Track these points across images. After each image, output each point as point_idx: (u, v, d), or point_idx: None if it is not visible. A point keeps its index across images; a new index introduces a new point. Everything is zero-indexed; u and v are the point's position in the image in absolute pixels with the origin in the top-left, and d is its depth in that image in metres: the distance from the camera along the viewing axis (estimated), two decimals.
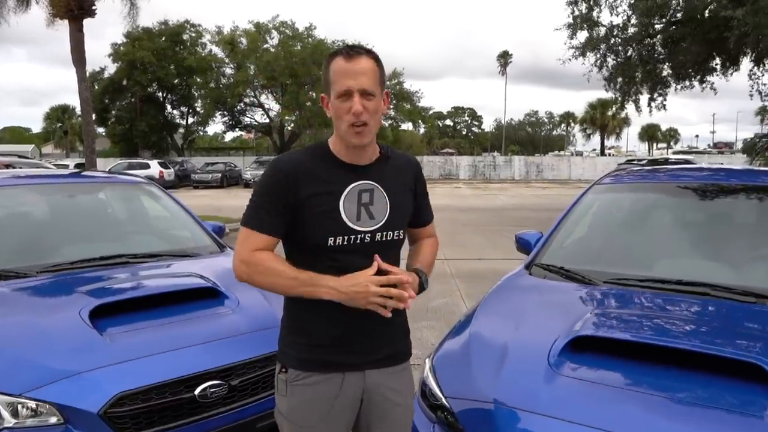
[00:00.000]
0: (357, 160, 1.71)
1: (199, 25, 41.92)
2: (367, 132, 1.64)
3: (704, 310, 2.30)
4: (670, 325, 2.16)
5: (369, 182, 1.71)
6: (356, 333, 1.71)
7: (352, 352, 1.72)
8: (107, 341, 2.28)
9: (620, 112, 61.31)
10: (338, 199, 1.67)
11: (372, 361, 1.74)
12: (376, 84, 1.65)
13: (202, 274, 3.00)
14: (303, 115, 38.98)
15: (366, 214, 1.69)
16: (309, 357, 1.72)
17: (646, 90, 13.95)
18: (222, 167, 33.95)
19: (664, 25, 12.75)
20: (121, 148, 41.44)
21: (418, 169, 1.86)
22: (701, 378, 1.83)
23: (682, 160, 19.94)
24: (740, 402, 1.72)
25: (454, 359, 2.18)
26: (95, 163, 14.84)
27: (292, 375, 1.74)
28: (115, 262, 3.12)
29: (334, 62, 1.64)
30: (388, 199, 1.72)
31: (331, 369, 1.71)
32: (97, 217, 3.79)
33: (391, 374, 1.77)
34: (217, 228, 4.11)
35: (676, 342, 1.95)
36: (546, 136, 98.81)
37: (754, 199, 2.97)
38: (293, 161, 1.71)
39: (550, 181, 38.89)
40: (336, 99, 1.63)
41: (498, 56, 76.31)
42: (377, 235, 1.69)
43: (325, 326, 1.71)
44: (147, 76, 38.54)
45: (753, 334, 2.10)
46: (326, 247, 1.66)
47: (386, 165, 1.77)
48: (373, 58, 1.66)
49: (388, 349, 1.76)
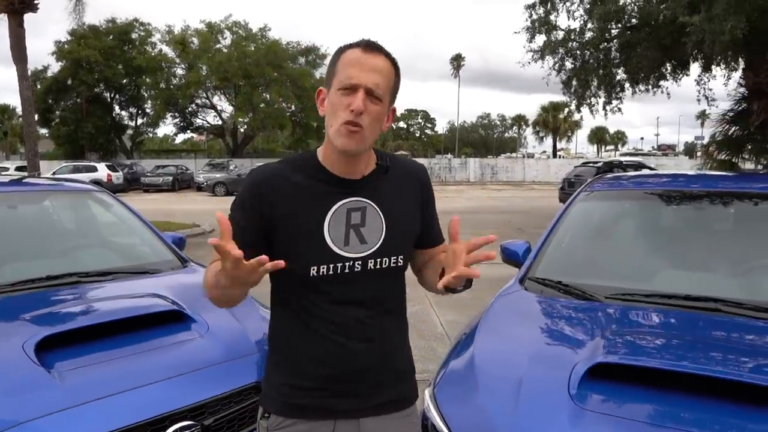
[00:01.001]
0: (348, 173, 1.45)
1: (149, 24, 40.79)
2: (360, 137, 1.37)
3: (723, 329, 2.14)
4: (693, 348, 1.99)
5: (360, 199, 1.44)
6: (351, 372, 1.45)
7: (345, 396, 1.45)
8: (56, 380, 1.93)
9: (572, 115, 62.96)
10: (322, 220, 1.40)
11: (369, 407, 1.47)
12: (388, 90, 1.40)
13: (164, 295, 2.69)
14: (257, 117, 38.32)
15: (356, 238, 1.42)
16: (294, 401, 1.46)
17: (603, 94, 14.13)
18: (173, 170, 33.03)
19: (620, 30, 12.93)
20: (66, 150, 39.71)
21: (425, 177, 1.59)
22: (737, 409, 1.66)
23: (636, 162, 20.36)
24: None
25: (460, 390, 1.95)
26: (38, 166, 14.02)
27: (274, 422, 1.48)
28: (64, 282, 2.76)
29: (348, 52, 1.39)
30: (384, 218, 1.45)
31: (320, 416, 1.45)
32: (41, 231, 3.40)
33: (391, 422, 1.50)
34: (176, 239, 3.77)
35: (707, 370, 1.77)
36: (499, 139, 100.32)
37: (755, 206, 2.86)
38: (270, 172, 1.45)
39: (504, 183, 39.39)
40: (337, 91, 1.36)
41: (451, 59, 77.06)
42: (369, 263, 1.43)
43: (314, 364, 1.45)
44: (93, 76, 37.10)
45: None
46: (309, 277, 1.40)
47: (384, 177, 1.50)
48: (392, 62, 1.41)
49: (388, 392, 1.50)
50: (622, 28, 12.91)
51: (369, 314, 1.46)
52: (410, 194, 1.54)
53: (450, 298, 1.64)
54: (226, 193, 27.50)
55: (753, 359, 1.91)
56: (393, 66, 1.41)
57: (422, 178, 1.58)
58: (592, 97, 14.57)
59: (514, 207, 20.15)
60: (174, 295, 2.69)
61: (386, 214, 1.46)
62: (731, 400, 1.68)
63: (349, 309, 1.43)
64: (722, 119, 13.48)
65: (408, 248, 1.53)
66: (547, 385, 1.84)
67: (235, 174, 29.54)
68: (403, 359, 1.55)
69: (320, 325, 1.44)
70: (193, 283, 3.10)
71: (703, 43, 9.45)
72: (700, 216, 2.94)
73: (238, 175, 28.93)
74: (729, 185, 3.09)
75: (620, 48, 12.93)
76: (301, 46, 41.27)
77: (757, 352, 1.96)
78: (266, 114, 38.03)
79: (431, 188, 1.61)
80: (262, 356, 2.37)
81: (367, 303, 1.45)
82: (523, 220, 15.87)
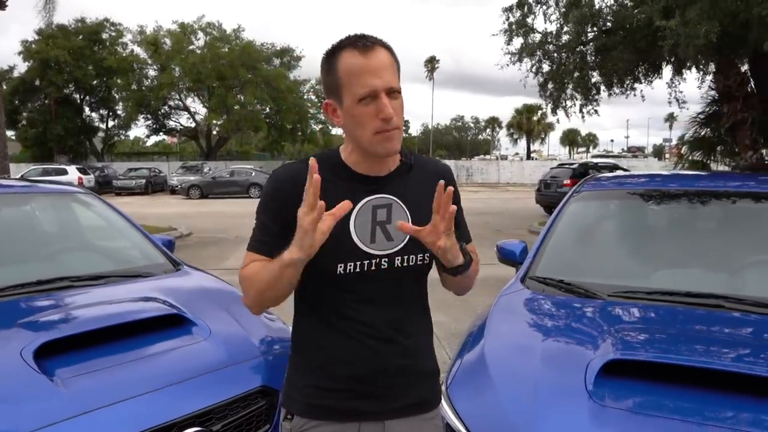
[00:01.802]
0: (373, 171, 1.43)
1: (120, 24, 40.06)
2: (398, 137, 1.37)
3: (728, 325, 2.18)
4: (702, 343, 2.02)
5: (386, 196, 1.43)
6: (376, 373, 1.42)
7: (369, 398, 1.43)
8: (60, 388, 1.86)
9: (546, 117, 63.82)
10: (348, 217, 1.38)
11: (394, 409, 1.45)
12: (397, 79, 1.38)
13: (160, 298, 2.62)
14: (231, 119, 37.94)
15: (382, 235, 1.41)
16: (318, 402, 1.44)
17: (579, 96, 14.33)
18: (146, 173, 32.49)
19: (596, 33, 13.13)
20: (34, 152, 38.77)
21: (449, 176, 1.56)
22: (756, 402, 1.68)
23: (610, 164, 20.69)
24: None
25: (474, 389, 1.93)
26: (8, 168, 13.64)
27: (297, 423, 1.45)
28: (55, 287, 2.67)
29: (345, 58, 1.34)
30: (411, 215, 1.44)
31: (345, 418, 1.43)
32: (27, 234, 3.29)
33: (416, 425, 1.48)
34: (165, 242, 3.68)
35: (722, 364, 1.80)
36: (472, 141, 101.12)
37: (755, 204, 2.91)
38: (293, 171, 1.43)
39: (480, 185, 39.67)
40: (357, 104, 1.33)
41: (425, 62, 77.47)
42: (396, 260, 1.41)
43: (339, 364, 1.42)
44: (62, 77, 36.33)
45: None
46: (336, 275, 1.38)
47: (408, 175, 1.49)
48: (388, 49, 1.39)
49: (413, 394, 1.48)
50: (598, 31, 13.11)
51: (395, 313, 1.44)
52: (435, 192, 1.52)
53: (435, 299, 1.62)
54: (201, 196, 27.14)
55: (764, 353, 1.94)
56: (390, 51, 1.39)
57: (446, 177, 1.55)
58: (567, 100, 14.77)
59: (491, 208, 20.27)
60: (171, 298, 2.63)
61: (412, 211, 1.45)
62: (747, 394, 1.70)
63: (375, 308, 1.41)
64: (694, 121, 13.80)
65: None
66: (564, 381, 1.84)
67: (209, 177, 29.18)
68: (429, 360, 1.53)
69: (345, 324, 1.42)
70: (189, 286, 3.04)
71: (678, 47, 9.64)
72: (694, 214, 2.98)
73: (213, 178, 28.59)
74: (724, 184, 3.15)
75: (596, 51, 13.12)
76: (276, 48, 41.01)
77: (766, 347, 1.99)
78: (241, 116, 37.68)
79: (456, 187, 1.59)
80: (266, 360, 2.34)
81: (394, 302, 1.43)
82: (501, 222, 15.98)
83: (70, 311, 2.49)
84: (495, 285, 3.01)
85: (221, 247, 11.51)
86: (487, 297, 2.84)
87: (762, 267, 2.58)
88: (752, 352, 1.97)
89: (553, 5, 13.54)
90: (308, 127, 43.14)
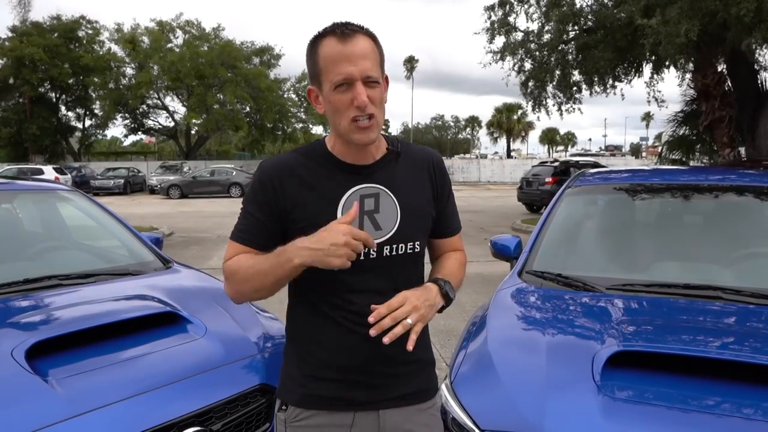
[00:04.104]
0: (359, 160, 1.43)
1: (96, 22, 39.34)
2: (375, 126, 1.36)
3: (727, 316, 2.20)
4: (704, 333, 2.03)
5: (373, 185, 1.42)
6: (369, 363, 1.41)
7: (363, 387, 1.42)
8: (54, 389, 1.79)
9: (526, 116, 64.21)
10: (335, 207, 1.38)
11: (389, 398, 1.44)
12: (378, 68, 1.36)
13: (153, 296, 2.56)
14: (211, 118, 37.56)
15: (370, 224, 1.40)
16: (312, 392, 1.43)
17: (560, 95, 14.43)
18: (125, 173, 32.07)
19: (577, 32, 13.24)
20: (9, 152, 37.93)
21: (439, 164, 1.55)
22: (756, 390, 1.69)
23: (591, 162, 20.90)
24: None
25: (480, 383, 1.91)
26: None
27: (292, 413, 1.45)
28: (44, 285, 2.59)
29: (324, 45, 1.34)
30: (399, 203, 1.43)
31: (339, 407, 1.42)
32: (11, 232, 3.21)
33: (412, 414, 1.47)
34: (153, 239, 3.61)
35: (726, 354, 1.81)
36: (452, 140, 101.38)
37: (752, 197, 2.93)
38: (280, 163, 1.43)
39: (461, 184, 39.80)
40: (333, 91, 1.33)
41: (404, 61, 77.57)
42: (385, 249, 1.41)
43: (332, 354, 1.42)
44: (38, 75, 35.51)
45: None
46: None
47: (396, 162, 1.47)
48: (370, 37, 1.38)
49: (408, 383, 1.47)
50: (579, 30, 13.21)
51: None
52: (424, 179, 1.51)
53: None
54: (181, 196, 26.83)
55: (763, 342, 1.95)
56: (373, 40, 1.38)
57: (435, 165, 1.54)
58: (548, 99, 14.87)
59: (473, 207, 20.35)
60: (164, 296, 2.58)
61: (400, 200, 1.44)
62: (750, 383, 1.71)
63: (366, 297, 1.38)
64: (673, 120, 13.99)
65: (424, 234, 1.51)
66: (571, 374, 1.83)
67: (189, 176, 28.85)
68: (423, 349, 1.51)
69: (338, 314, 1.41)
70: (182, 284, 2.98)
71: (659, 45, 9.76)
72: (689, 208, 3.00)
73: (193, 177, 28.28)
74: (716, 178, 3.17)
75: (577, 50, 13.22)
76: (255, 46, 40.70)
77: (764, 336, 2.01)
78: (221, 115, 37.31)
79: (446, 174, 1.58)
80: (264, 357, 2.29)
81: (385, 291, 1.39)
82: (483, 220, 16.05)
83: (60, 310, 2.41)
84: (482, 282, 3.01)
85: (204, 247, 11.38)
86: (473, 294, 2.83)
87: (758, 259, 2.61)
88: (753, 341, 1.98)
89: (535, 4, 13.63)
90: (289, 125, 42.93)
